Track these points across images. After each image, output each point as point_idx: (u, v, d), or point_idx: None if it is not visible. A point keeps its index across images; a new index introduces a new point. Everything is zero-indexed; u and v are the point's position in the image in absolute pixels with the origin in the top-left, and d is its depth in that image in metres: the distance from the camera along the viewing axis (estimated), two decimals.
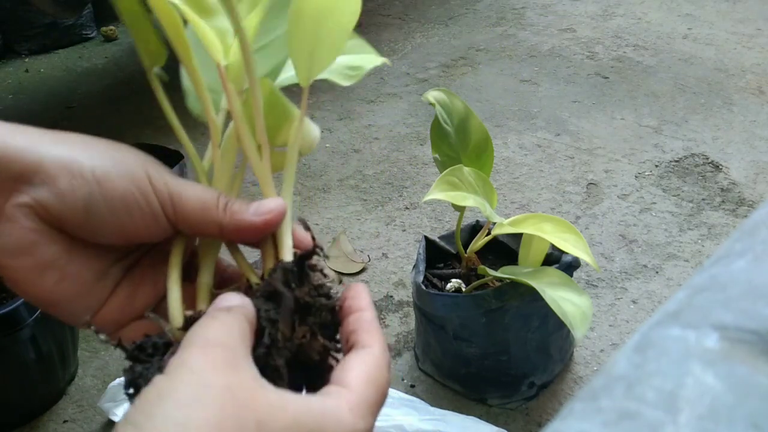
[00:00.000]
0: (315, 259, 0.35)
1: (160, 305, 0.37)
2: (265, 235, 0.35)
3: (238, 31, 0.34)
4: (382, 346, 0.32)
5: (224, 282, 0.38)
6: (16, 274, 0.32)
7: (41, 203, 0.32)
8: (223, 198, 0.35)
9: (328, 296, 0.34)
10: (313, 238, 0.36)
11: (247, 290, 0.34)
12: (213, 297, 0.34)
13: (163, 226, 0.34)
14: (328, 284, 0.34)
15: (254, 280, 0.35)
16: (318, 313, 0.33)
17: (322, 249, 0.35)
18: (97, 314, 0.35)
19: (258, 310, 0.32)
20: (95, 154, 0.33)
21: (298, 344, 0.32)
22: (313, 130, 0.40)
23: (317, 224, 1.30)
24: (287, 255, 0.35)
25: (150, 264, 0.37)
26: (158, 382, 0.26)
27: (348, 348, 0.33)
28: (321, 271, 0.35)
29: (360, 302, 0.34)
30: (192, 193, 0.34)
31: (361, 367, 0.31)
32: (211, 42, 0.36)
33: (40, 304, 0.34)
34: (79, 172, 0.32)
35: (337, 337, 0.34)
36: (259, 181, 0.37)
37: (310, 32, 0.36)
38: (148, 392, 0.26)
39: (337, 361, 0.33)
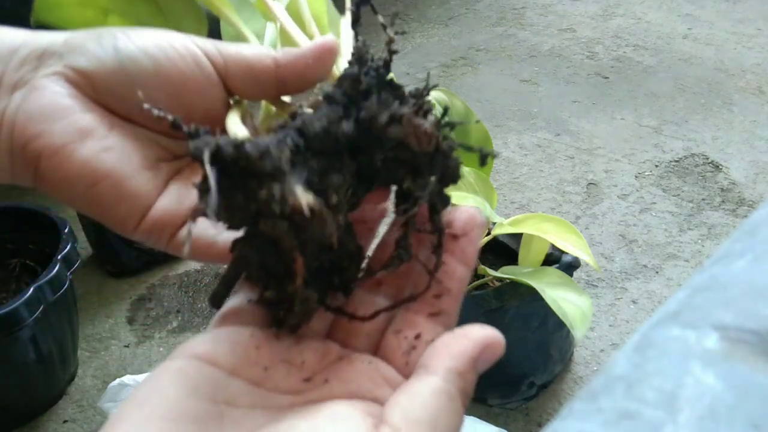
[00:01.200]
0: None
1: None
2: (322, 71, 0.30)
3: None
4: (449, 374, 0.24)
5: None
6: (53, 141, 0.28)
7: (73, 68, 0.29)
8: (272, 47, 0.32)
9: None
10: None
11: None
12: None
13: (208, 75, 0.29)
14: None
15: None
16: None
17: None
18: (149, 212, 0.30)
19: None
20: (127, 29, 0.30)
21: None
22: None
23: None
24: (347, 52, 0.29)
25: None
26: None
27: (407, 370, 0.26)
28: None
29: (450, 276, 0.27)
30: (237, 45, 0.31)
31: (409, 403, 0.23)
32: None
33: (88, 195, 0.28)
34: (107, 30, 0.29)
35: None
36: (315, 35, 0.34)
37: None
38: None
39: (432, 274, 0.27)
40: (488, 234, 0.92)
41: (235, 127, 0.28)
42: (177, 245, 0.31)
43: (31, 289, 0.90)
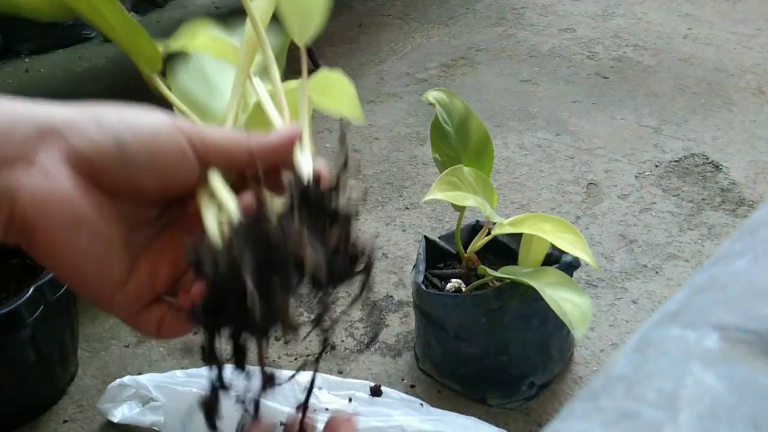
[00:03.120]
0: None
1: (179, 283, 0.36)
2: (288, 154, 0.35)
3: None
4: None
5: None
6: (52, 228, 0.30)
7: (74, 149, 0.30)
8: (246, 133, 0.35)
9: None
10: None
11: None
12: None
13: (190, 162, 0.33)
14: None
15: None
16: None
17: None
18: (123, 287, 0.33)
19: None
20: (120, 108, 0.32)
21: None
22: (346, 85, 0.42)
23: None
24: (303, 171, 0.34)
25: (169, 240, 0.35)
26: None
27: None
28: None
29: None
30: (218, 128, 0.34)
31: None
32: None
33: (71, 271, 0.32)
34: (106, 119, 0.31)
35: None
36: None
37: None
38: None
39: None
40: (488, 234, 0.92)
41: (212, 225, 0.33)
42: (136, 323, 0.34)
43: (31, 289, 0.90)
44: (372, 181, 1.45)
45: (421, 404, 0.92)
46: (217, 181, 0.34)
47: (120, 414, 0.96)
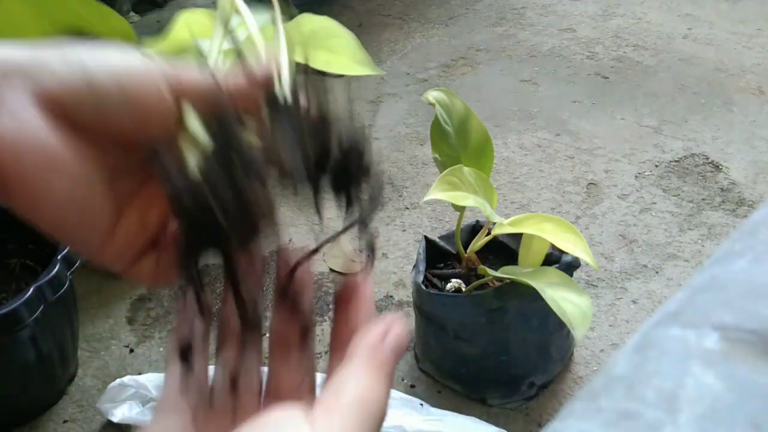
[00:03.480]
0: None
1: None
2: (269, 86, 0.33)
3: None
4: (367, 353, 0.28)
5: None
6: (25, 172, 0.28)
7: (42, 87, 0.29)
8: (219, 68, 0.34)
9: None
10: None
11: None
12: None
13: (170, 107, 0.31)
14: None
15: None
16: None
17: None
18: (111, 235, 0.32)
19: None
20: (83, 44, 0.31)
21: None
22: None
23: (317, 224, 1.30)
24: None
25: (155, 190, 0.34)
26: None
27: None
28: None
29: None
30: (194, 67, 0.33)
31: (338, 385, 0.27)
32: None
33: (54, 221, 0.30)
34: (72, 54, 0.30)
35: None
36: None
37: None
38: None
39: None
40: (488, 234, 0.92)
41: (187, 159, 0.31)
42: (134, 272, 0.33)
43: (31, 289, 0.90)
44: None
45: (421, 404, 0.92)
46: (190, 116, 0.32)
47: (120, 414, 0.96)
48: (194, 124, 0.32)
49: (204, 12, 0.42)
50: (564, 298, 0.79)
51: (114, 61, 0.30)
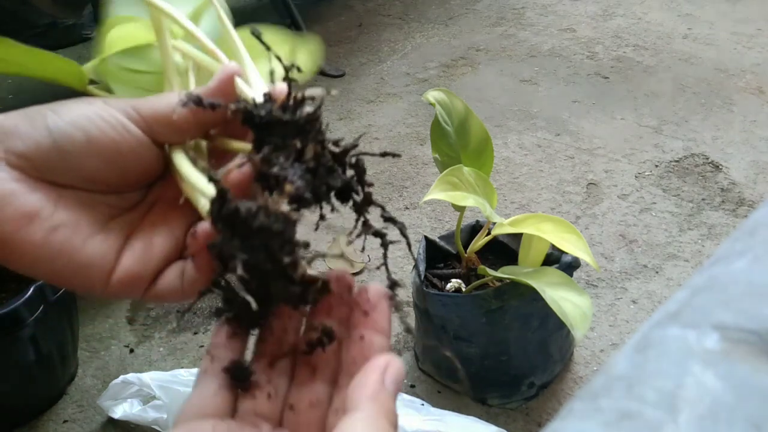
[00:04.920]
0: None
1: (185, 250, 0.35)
2: (231, 94, 0.33)
3: None
4: (368, 403, 0.27)
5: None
6: (2, 230, 0.30)
7: (11, 151, 0.30)
8: (182, 90, 0.34)
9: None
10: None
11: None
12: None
13: (138, 138, 0.32)
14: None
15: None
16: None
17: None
18: (115, 267, 0.32)
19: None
20: (48, 105, 0.32)
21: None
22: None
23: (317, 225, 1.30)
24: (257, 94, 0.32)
25: (160, 216, 0.34)
26: None
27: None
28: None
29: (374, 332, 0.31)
30: (151, 96, 0.33)
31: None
32: None
33: (46, 269, 0.31)
34: (37, 111, 0.31)
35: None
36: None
37: None
38: None
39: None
40: (488, 234, 0.92)
41: (192, 173, 0.32)
42: (155, 295, 0.33)
43: (31, 289, 0.90)
44: (372, 182, 1.45)
45: (422, 404, 0.92)
46: (181, 161, 0.33)
47: (121, 411, 0.96)
48: (184, 166, 0.32)
49: (135, 22, 0.43)
50: (564, 298, 0.79)
51: (77, 113, 0.31)
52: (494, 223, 0.89)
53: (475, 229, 1.00)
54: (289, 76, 0.32)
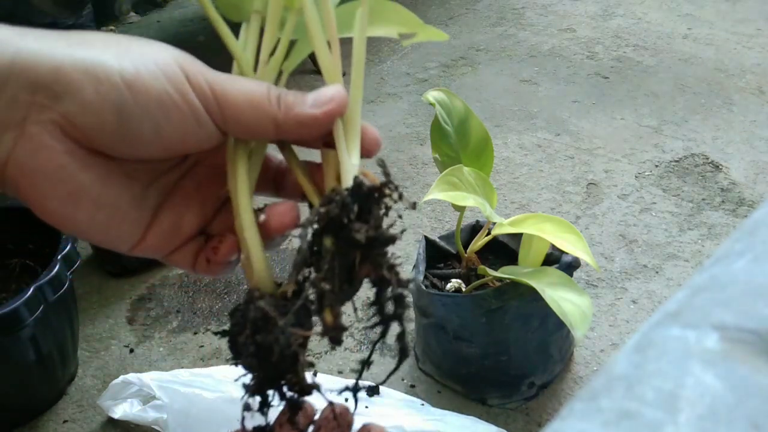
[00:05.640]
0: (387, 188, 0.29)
1: (210, 225, 0.34)
2: (326, 130, 0.30)
3: None
4: None
5: (277, 180, 0.34)
6: (46, 203, 0.28)
7: (68, 118, 0.27)
8: (275, 90, 0.30)
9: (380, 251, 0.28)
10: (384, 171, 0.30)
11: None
12: (257, 216, 0.31)
13: (208, 131, 0.29)
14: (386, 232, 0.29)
15: (315, 202, 0.31)
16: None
17: (392, 184, 0.29)
18: (140, 242, 0.32)
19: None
20: (122, 52, 0.28)
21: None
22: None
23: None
24: (347, 177, 0.29)
25: (194, 183, 0.33)
26: None
27: None
28: (386, 205, 0.29)
29: None
30: (238, 87, 0.29)
31: None
32: None
33: (76, 234, 0.30)
34: (106, 77, 0.27)
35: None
36: (326, 77, 0.32)
37: None
38: None
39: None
40: (488, 234, 0.92)
41: (262, 272, 0.31)
42: (169, 260, 0.33)
43: (31, 289, 0.90)
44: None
45: (422, 404, 0.92)
46: (244, 201, 0.31)
47: (121, 411, 0.96)
48: (244, 207, 0.31)
49: None
50: (564, 298, 0.79)
51: (150, 90, 0.28)
52: (494, 223, 0.89)
53: (475, 229, 1.00)
54: (386, 173, 0.30)
